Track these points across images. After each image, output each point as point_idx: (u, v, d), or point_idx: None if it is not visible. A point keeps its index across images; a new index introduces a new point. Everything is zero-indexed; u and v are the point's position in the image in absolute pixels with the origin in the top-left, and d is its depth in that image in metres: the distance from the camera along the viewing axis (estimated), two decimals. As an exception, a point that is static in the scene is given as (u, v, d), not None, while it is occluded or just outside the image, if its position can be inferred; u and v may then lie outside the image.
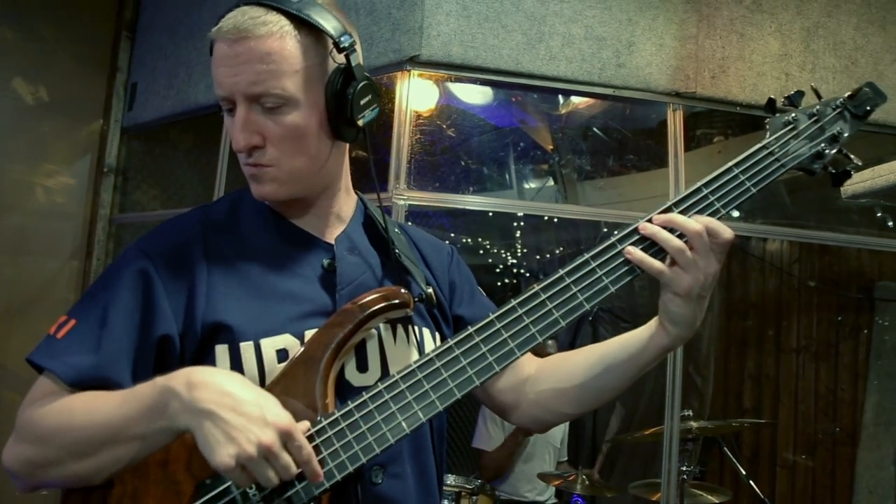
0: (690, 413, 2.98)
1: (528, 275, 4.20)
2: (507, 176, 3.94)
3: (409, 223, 2.18)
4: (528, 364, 1.28)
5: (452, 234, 4.41)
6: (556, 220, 4.02)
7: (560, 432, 3.81)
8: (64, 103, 3.47)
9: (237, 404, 0.93)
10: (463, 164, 3.22)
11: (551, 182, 3.99)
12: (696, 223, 1.04)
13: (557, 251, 3.96)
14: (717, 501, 3.03)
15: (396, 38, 2.42)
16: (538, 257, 3.93)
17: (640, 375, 1.17)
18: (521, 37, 2.43)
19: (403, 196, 2.38)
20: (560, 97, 3.22)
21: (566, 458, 3.86)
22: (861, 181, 2.41)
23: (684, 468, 2.90)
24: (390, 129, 2.41)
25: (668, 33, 2.54)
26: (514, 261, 4.06)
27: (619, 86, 2.49)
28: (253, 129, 1.06)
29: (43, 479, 1.06)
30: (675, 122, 2.54)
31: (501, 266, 3.95)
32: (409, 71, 2.42)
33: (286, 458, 0.93)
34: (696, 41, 2.54)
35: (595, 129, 3.56)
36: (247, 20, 1.04)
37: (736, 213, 3.87)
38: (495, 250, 4.16)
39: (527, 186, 4.06)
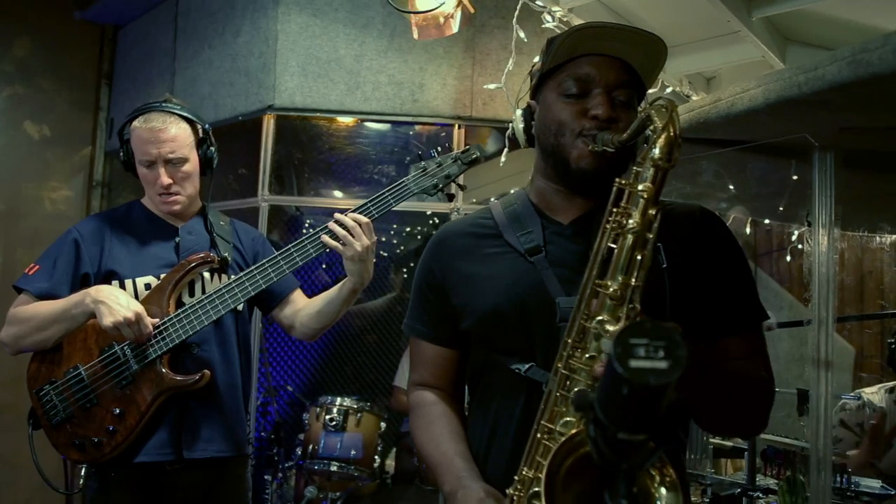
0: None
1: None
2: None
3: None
4: (300, 301, 2.03)
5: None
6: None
7: None
8: (61, 136, 4.38)
9: (117, 299, 1.69)
10: (310, 176, 4.19)
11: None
12: (350, 220, 1.72)
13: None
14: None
15: (260, 92, 3.54)
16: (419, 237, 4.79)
17: (346, 307, 1.87)
18: (343, 86, 3.51)
19: (266, 199, 3.54)
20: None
21: None
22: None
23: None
24: (258, 154, 3.55)
25: (450, 75, 3.55)
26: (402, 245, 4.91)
27: (415, 114, 3.52)
28: (169, 176, 1.83)
29: (22, 345, 1.82)
30: (458, 137, 3.57)
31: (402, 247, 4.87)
32: (269, 114, 3.55)
33: (137, 327, 1.70)
34: (471, 80, 3.55)
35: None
36: (159, 121, 1.82)
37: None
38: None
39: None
